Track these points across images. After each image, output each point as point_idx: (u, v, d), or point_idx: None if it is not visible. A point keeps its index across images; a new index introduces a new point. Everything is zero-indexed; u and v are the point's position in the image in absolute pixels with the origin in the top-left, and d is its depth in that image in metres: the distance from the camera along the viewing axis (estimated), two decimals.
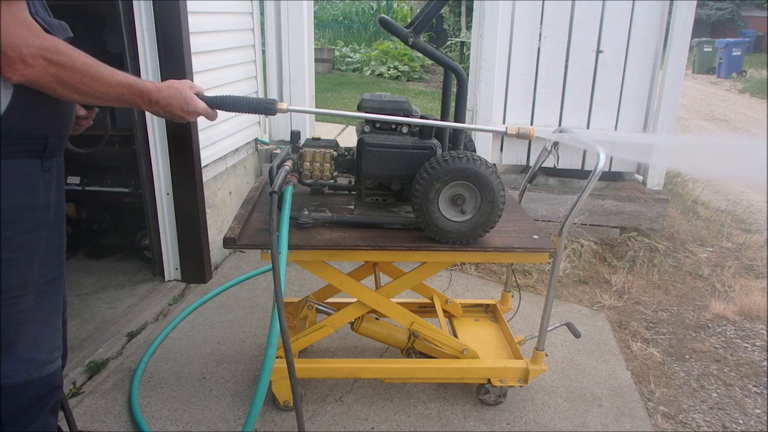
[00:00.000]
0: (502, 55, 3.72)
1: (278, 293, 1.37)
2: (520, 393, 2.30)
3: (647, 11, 3.56)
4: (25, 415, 1.31)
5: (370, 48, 13.75)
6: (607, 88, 3.73)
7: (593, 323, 2.91)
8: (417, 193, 1.73)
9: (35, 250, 1.24)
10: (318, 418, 2.13)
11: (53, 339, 1.35)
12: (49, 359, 1.33)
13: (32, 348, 1.29)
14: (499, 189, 1.74)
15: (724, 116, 10.17)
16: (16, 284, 1.20)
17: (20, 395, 1.28)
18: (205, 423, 2.09)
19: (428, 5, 1.77)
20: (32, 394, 1.30)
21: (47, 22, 1.19)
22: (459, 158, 1.70)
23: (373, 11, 16.91)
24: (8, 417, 1.28)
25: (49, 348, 1.34)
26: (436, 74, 12.64)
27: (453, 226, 1.76)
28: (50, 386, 1.35)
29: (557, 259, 1.87)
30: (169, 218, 3.00)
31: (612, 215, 3.76)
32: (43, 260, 1.27)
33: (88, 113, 1.51)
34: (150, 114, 2.76)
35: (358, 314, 2.13)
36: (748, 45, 16.96)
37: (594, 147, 1.81)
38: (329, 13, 17.18)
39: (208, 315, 2.83)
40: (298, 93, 4.18)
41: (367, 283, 2.11)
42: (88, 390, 2.23)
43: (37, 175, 1.21)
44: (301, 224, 1.82)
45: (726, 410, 2.34)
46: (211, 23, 3.19)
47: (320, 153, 1.88)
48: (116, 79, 1.25)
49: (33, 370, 1.29)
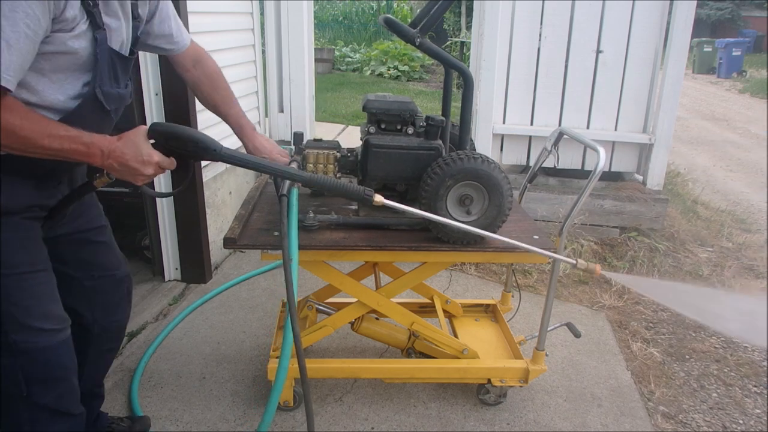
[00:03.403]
0: (502, 55, 3.72)
1: (291, 300, 1.31)
2: (520, 393, 2.30)
3: (647, 11, 3.56)
4: (54, 376, 1.44)
5: (370, 48, 13.75)
6: (607, 88, 3.73)
7: (593, 323, 2.91)
8: (427, 188, 1.72)
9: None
10: (318, 418, 2.13)
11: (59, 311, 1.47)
12: (62, 328, 1.45)
13: (46, 319, 1.41)
14: (508, 194, 1.74)
15: (724, 116, 10.17)
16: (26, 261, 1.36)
17: (45, 358, 1.41)
18: (205, 423, 2.09)
19: (434, 5, 1.76)
20: (55, 360, 1.44)
21: (106, 93, 1.28)
22: (474, 158, 1.70)
23: (373, 11, 16.91)
24: (38, 378, 1.42)
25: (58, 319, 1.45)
26: (436, 74, 12.65)
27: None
28: (68, 349, 1.47)
29: (557, 259, 1.87)
30: (169, 218, 3.00)
31: (612, 215, 3.76)
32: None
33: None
34: (149, 113, 2.77)
35: (359, 314, 2.13)
36: (748, 45, 16.96)
37: (593, 145, 1.81)
38: (329, 13, 17.18)
39: (208, 315, 2.83)
40: (298, 93, 4.18)
41: (367, 283, 2.11)
42: None
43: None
44: (306, 227, 1.82)
45: (726, 410, 2.34)
46: (211, 23, 3.19)
47: (323, 154, 1.88)
48: (61, 136, 1.19)
49: (50, 336, 1.41)
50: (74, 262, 1.61)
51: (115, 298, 1.73)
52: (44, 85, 1.20)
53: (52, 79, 1.21)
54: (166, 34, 1.60)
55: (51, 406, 1.46)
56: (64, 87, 1.24)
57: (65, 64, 1.19)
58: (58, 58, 1.18)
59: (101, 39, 1.20)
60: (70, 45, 1.17)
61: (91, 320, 1.68)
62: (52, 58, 1.17)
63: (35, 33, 1.09)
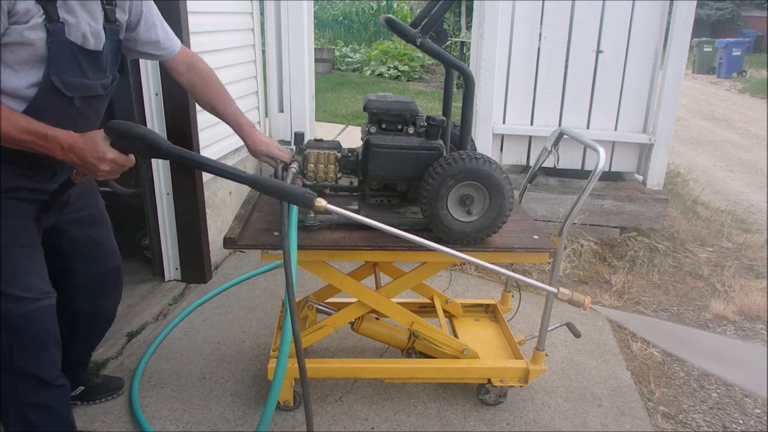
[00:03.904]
0: (502, 55, 3.72)
1: (291, 300, 1.35)
2: (520, 393, 2.30)
3: (647, 11, 3.56)
4: (34, 343, 1.53)
5: (370, 48, 13.75)
6: (607, 88, 3.73)
7: (593, 323, 2.91)
8: (429, 187, 1.72)
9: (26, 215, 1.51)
10: (318, 418, 2.13)
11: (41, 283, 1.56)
12: (41, 297, 1.54)
13: (27, 289, 1.50)
14: (509, 195, 1.74)
15: (724, 116, 10.18)
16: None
17: (25, 325, 1.50)
18: (205, 423, 2.09)
19: (435, 6, 1.76)
20: (35, 327, 1.52)
21: (66, 81, 1.37)
22: (476, 158, 1.70)
23: (373, 11, 16.91)
24: (19, 344, 1.50)
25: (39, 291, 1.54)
26: (436, 74, 12.64)
27: (458, 225, 1.77)
28: (48, 317, 1.55)
29: (557, 259, 1.87)
30: (169, 218, 3.00)
31: (612, 215, 3.76)
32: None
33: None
34: (149, 113, 2.78)
35: (359, 314, 2.13)
36: (748, 45, 16.96)
37: (593, 145, 1.81)
38: (329, 13, 17.18)
39: (208, 315, 2.83)
40: (298, 93, 4.18)
41: (367, 283, 2.11)
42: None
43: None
44: (307, 227, 1.81)
45: (726, 410, 2.34)
46: (211, 23, 3.19)
47: (324, 154, 1.88)
48: (21, 128, 1.30)
49: (30, 304, 1.51)
50: (71, 253, 1.77)
51: (104, 287, 1.92)
52: (8, 75, 1.32)
53: (16, 69, 1.32)
54: (152, 41, 1.71)
55: (31, 372, 1.54)
56: (27, 77, 1.34)
57: (27, 56, 1.31)
58: (20, 49, 1.29)
59: (53, 30, 1.31)
60: (26, 36, 1.28)
61: (80, 305, 1.87)
62: (14, 50, 1.29)
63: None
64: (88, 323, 1.94)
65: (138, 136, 1.36)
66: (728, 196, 5.47)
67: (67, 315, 1.83)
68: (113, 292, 1.97)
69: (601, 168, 1.77)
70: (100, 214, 1.87)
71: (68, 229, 1.73)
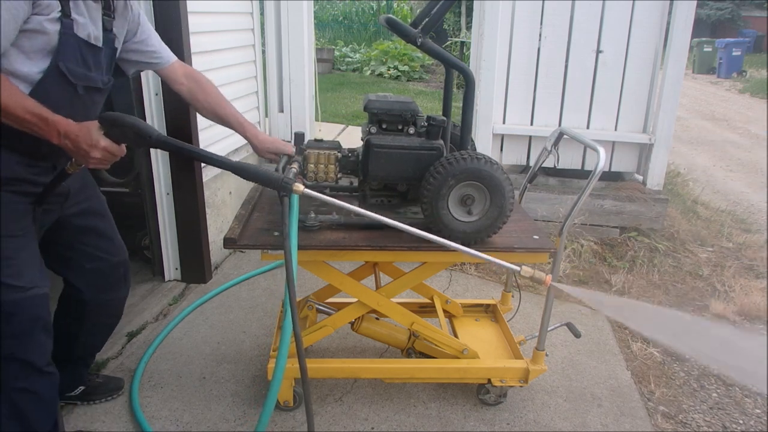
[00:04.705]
0: (502, 55, 3.72)
1: (292, 299, 1.37)
2: (520, 393, 2.30)
3: (647, 11, 3.56)
4: (24, 329, 1.56)
5: (370, 48, 13.75)
6: (607, 88, 3.73)
7: (593, 323, 2.91)
8: (430, 186, 1.72)
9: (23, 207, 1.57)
10: (318, 418, 2.13)
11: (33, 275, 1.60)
12: (32, 287, 1.57)
13: (18, 278, 1.55)
14: (510, 195, 1.74)
15: (724, 116, 10.18)
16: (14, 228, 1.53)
17: (17, 311, 1.54)
18: (205, 423, 2.09)
19: (435, 6, 1.75)
20: (25, 313, 1.56)
21: (71, 69, 1.47)
22: (477, 159, 1.70)
23: (373, 11, 16.91)
24: (9, 330, 1.54)
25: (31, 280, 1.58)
26: (436, 74, 12.64)
27: (459, 225, 1.77)
28: (39, 306, 1.59)
29: (557, 259, 1.87)
30: (169, 218, 3.00)
31: (612, 215, 3.76)
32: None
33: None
34: (149, 113, 2.78)
35: (359, 314, 2.13)
36: (748, 45, 16.96)
37: (593, 145, 1.81)
38: (329, 13, 17.18)
39: (208, 315, 2.83)
40: (298, 93, 4.18)
41: (367, 283, 2.11)
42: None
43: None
44: (308, 227, 1.81)
45: (726, 410, 2.34)
46: (211, 23, 3.19)
47: (324, 154, 1.88)
48: (26, 108, 1.38)
49: (21, 292, 1.54)
50: (77, 244, 1.83)
51: (111, 280, 1.96)
52: (23, 60, 1.42)
53: (30, 56, 1.42)
54: (148, 50, 1.83)
55: (20, 357, 1.57)
56: (38, 64, 1.44)
57: (40, 44, 1.42)
58: (36, 37, 1.41)
59: (66, 24, 1.45)
60: (44, 26, 1.41)
61: (88, 296, 1.91)
62: (31, 37, 1.40)
63: (16, 19, 1.35)
64: (94, 315, 1.97)
65: (129, 125, 1.45)
66: (728, 196, 5.47)
67: (72, 305, 1.92)
68: (121, 284, 2.01)
69: (601, 168, 1.77)
70: (102, 206, 1.93)
71: (72, 220, 1.79)
